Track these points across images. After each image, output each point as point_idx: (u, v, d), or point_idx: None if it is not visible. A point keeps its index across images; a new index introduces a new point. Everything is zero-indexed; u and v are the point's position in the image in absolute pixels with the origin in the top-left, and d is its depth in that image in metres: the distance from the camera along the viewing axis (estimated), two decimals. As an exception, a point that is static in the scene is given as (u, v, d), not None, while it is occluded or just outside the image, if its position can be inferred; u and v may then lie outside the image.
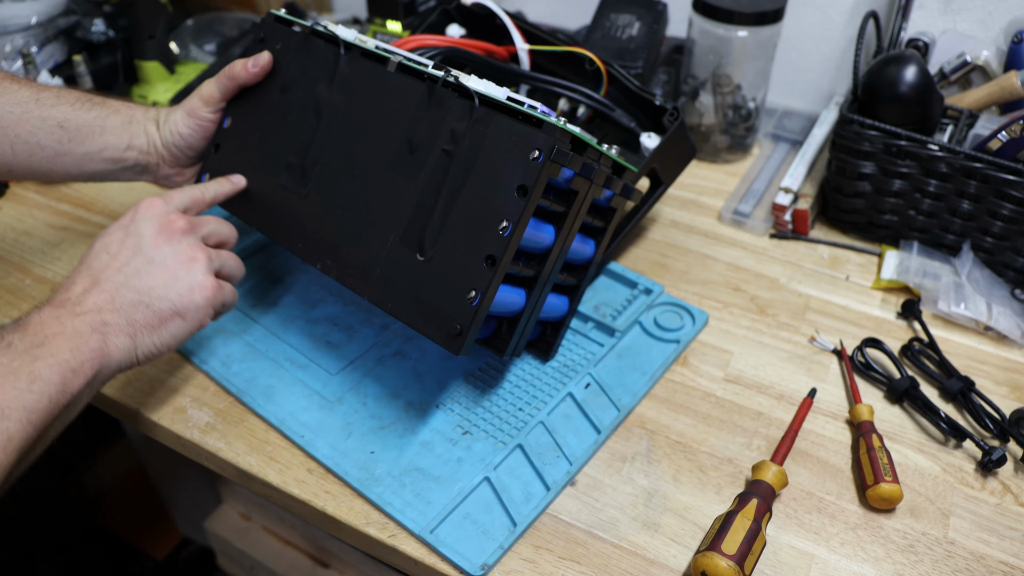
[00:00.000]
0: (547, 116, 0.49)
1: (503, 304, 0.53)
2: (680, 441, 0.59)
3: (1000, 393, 0.63)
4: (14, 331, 0.45)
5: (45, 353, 0.44)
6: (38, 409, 0.43)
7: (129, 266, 0.50)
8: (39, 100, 0.60)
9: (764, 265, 0.76)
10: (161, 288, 0.50)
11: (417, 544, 0.51)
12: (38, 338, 0.45)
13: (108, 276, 0.49)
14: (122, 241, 0.51)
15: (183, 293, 0.50)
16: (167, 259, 0.51)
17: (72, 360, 0.45)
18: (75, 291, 0.49)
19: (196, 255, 0.52)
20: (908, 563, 0.51)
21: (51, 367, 0.44)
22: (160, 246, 0.51)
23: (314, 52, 0.59)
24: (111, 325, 0.48)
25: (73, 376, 0.45)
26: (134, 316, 0.49)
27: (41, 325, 0.46)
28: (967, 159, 0.68)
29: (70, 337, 0.46)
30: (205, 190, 0.58)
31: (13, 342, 0.44)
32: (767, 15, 0.80)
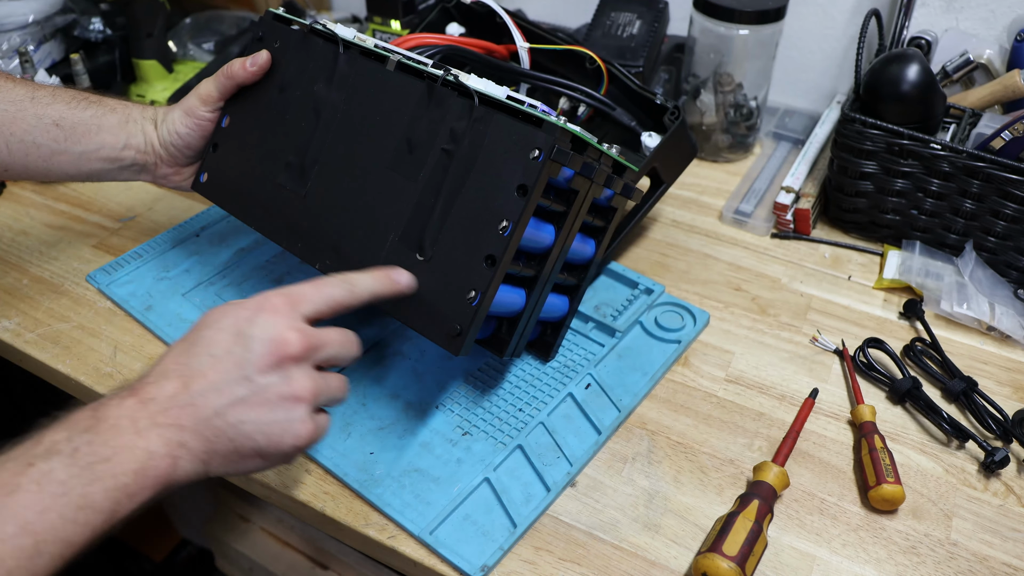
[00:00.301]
0: (547, 115, 0.49)
1: (503, 304, 0.53)
2: (681, 442, 0.58)
3: (1003, 394, 0.63)
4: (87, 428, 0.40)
5: (107, 473, 0.39)
6: (75, 544, 0.38)
7: (227, 388, 0.42)
8: (35, 99, 0.60)
9: (765, 265, 0.76)
10: (251, 425, 0.43)
11: (416, 545, 0.51)
12: (107, 449, 0.39)
13: (202, 390, 0.42)
14: (229, 349, 0.43)
15: (273, 437, 0.43)
16: (268, 391, 0.43)
17: (132, 486, 0.39)
18: (165, 389, 0.42)
19: (301, 394, 0.44)
20: (910, 564, 0.51)
21: (107, 492, 0.39)
22: (266, 372, 0.43)
23: (313, 51, 0.59)
24: (187, 448, 0.42)
25: (128, 501, 0.39)
26: (215, 446, 0.42)
27: (117, 428, 0.40)
28: (970, 158, 0.68)
29: (139, 456, 0.40)
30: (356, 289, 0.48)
31: (80, 448, 0.39)
32: (769, 13, 0.80)
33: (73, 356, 0.63)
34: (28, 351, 0.63)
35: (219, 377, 0.43)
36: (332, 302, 0.47)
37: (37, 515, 0.37)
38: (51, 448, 0.39)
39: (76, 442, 0.39)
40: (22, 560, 0.36)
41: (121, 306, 0.67)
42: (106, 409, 0.41)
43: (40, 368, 0.64)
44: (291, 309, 0.45)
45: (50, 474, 0.38)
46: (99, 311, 0.67)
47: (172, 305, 0.67)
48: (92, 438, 0.39)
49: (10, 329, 0.65)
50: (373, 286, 0.49)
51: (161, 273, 0.70)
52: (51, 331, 0.65)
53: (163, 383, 0.43)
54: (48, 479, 0.38)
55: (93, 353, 0.63)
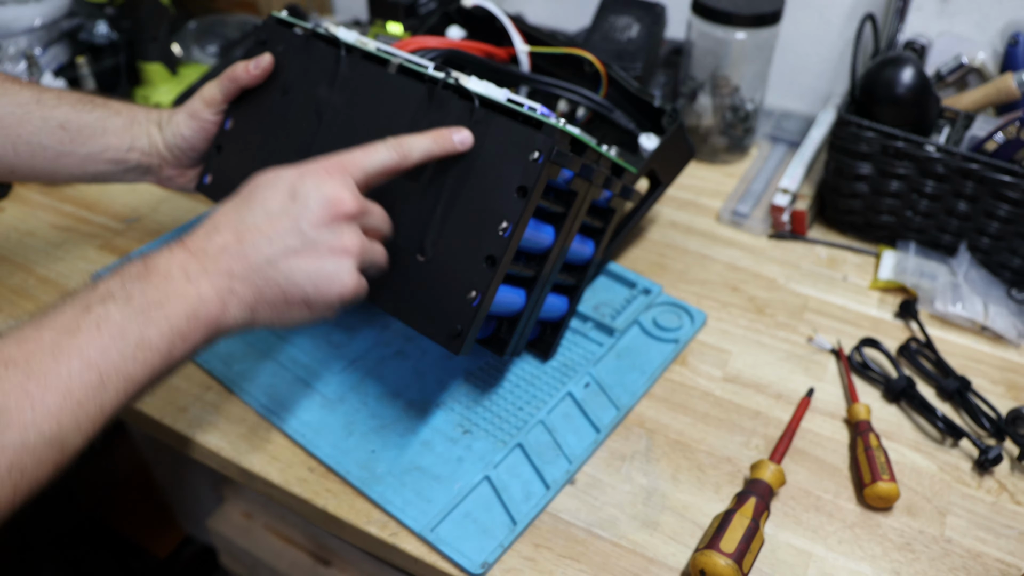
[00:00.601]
0: (547, 117, 0.49)
1: (503, 304, 0.53)
2: (679, 440, 0.59)
3: (996, 392, 0.63)
4: (139, 276, 0.42)
5: (161, 317, 0.41)
6: (136, 380, 0.41)
7: (281, 239, 0.45)
8: (40, 101, 0.60)
9: (762, 265, 0.76)
10: (301, 273, 0.45)
11: (418, 542, 0.51)
12: (160, 294, 0.42)
13: (255, 241, 0.44)
14: (285, 206, 0.45)
15: (321, 287, 0.45)
16: (320, 242, 0.45)
17: (185, 328, 0.42)
18: (216, 242, 0.44)
19: (351, 248, 0.46)
20: (905, 561, 0.52)
21: (162, 334, 0.41)
22: (320, 227, 0.45)
23: (315, 54, 0.59)
24: (236, 294, 0.44)
25: (182, 343, 0.42)
26: (263, 292, 0.45)
27: (168, 276, 0.43)
28: (964, 160, 0.68)
29: (192, 301, 0.43)
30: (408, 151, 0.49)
31: (134, 295, 0.41)
32: (765, 17, 0.80)
33: (79, 356, 0.64)
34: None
35: (273, 230, 0.45)
36: (382, 166, 0.48)
37: (99, 353, 0.39)
38: (106, 295, 0.41)
39: (130, 289, 0.41)
40: (89, 392, 0.38)
41: (126, 306, 0.68)
42: (156, 260, 0.43)
43: (46, 367, 0.64)
44: (343, 172, 0.47)
45: (107, 317, 0.40)
46: (104, 311, 0.68)
47: (176, 305, 0.67)
48: (144, 286, 0.42)
49: (16, 329, 0.66)
50: (427, 146, 0.50)
51: (165, 274, 0.70)
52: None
53: (214, 236, 0.45)
54: (106, 321, 0.40)
55: (99, 353, 0.64)
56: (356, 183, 0.47)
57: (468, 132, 0.50)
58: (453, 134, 0.50)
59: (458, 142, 0.50)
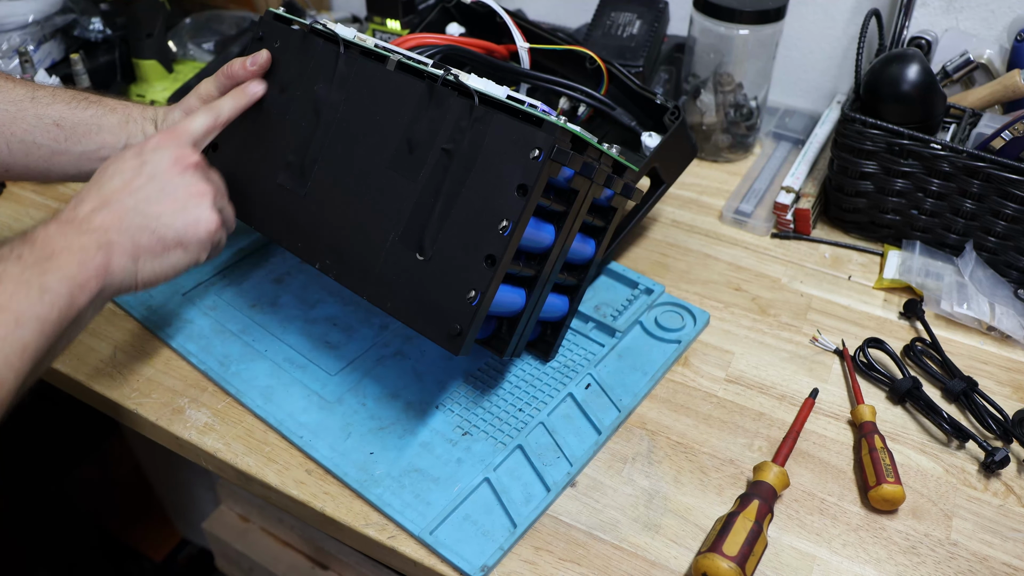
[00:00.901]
0: (547, 115, 0.49)
1: (503, 304, 0.53)
2: (681, 442, 0.58)
3: (1003, 394, 0.63)
4: (22, 244, 0.46)
5: (53, 267, 0.45)
6: (49, 320, 0.44)
7: (141, 191, 0.50)
8: (35, 99, 0.60)
9: (765, 265, 0.76)
10: (169, 216, 0.51)
11: (417, 545, 0.51)
12: (46, 251, 0.46)
13: (119, 198, 0.50)
14: (136, 168, 0.51)
15: (189, 224, 0.51)
16: (178, 189, 0.52)
17: (79, 275, 0.46)
18: (83, 209, 0.49)
19: (205, 190, 0.53)
20: (910, 564, 0.51)
21: (60, 280, 0.45)
22: (173, 176, 0.52)
23: (313, 51, 0.59)
24: (116, 245, 0.49)
25: (80, 291, 0.46)
26: (139, 239, 0.50)
27: (48, 240, 0.47)
28: (970, 158, 0.68)
29: (76, 253, 0.47)
30: (220, 112, 0.58)
31: (23, 254, 0.45)
32: (769, 13, 0.80)
33: (73, 356, 0.63)
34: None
35: (134, 186, 0.51)
36: (204, 128, 0.57)
37: (8, 297, 0.43)
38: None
39: (19, 251, 0.45)
40: (8, 330, 0.42)
41: (121, 306, 0.67)
42: (33, 233, 0.47)
43: (40, 368, 0.64)
44: (177, 138, 0.54)
45: (6, 272, 0.44)
46: (99, 311, 0.67)
47: (172, 305, 0.67)
48: (31, 248, 0.46)
49: (10, 329, 0.65)
50: (233, 104, 0.59)
51: (161, 273, 0.70)
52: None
53: (80, 206, 0.50)
54: (6, 275, 0.44)
55: (93, 353, 0.63)
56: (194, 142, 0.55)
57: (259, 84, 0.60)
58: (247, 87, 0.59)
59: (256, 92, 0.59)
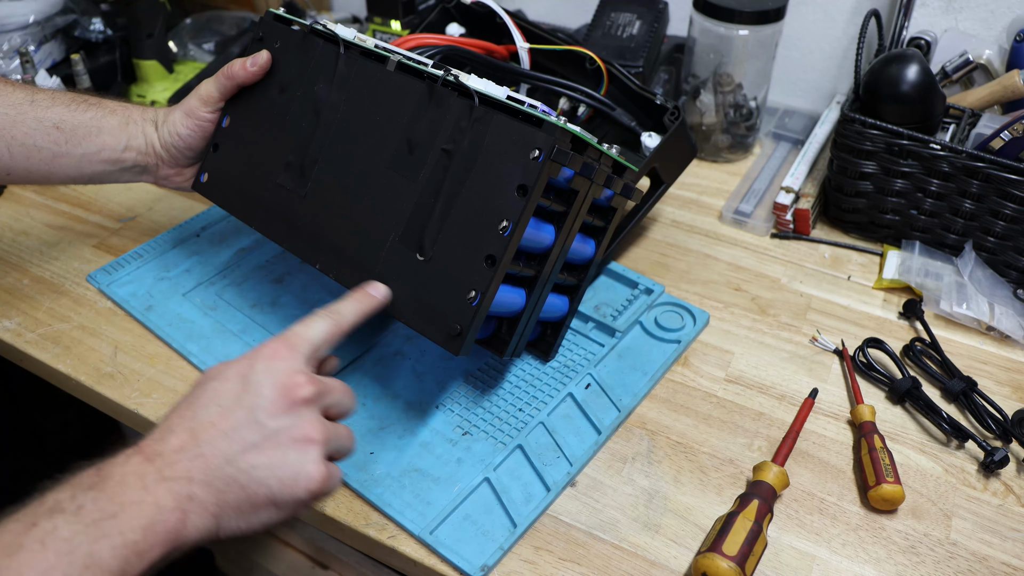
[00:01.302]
0: (547, 115, 0.49)
1: (503, 304, 0.53)
2: (681, 442, 0.58)
3: (1002, 393, 0.63)
4: (91, 486, 0.39)
5: (114, 530, 0.37)
6: None
7: (238, 434, 0.41)
8: (34, 102, 0.60)
9: (765, 265, 0.76)
10: (264, 469, 0.41)
11: (417, 545, 0.51)
12: (113, 505, 0.38)
13: (211, 439, 0.41)
14: (237, 397, 0.42)
15: (287, 482, 0.42)
16: (281, 434, 0.42)
17: (141, 543, 0.38)
18: (171, 443, 0.41)
19: (313, 436, 0.43)
20: (910, 564, 0.51)
21: (114, 550, 0.37)
22: (278, 415, 0.42)
23: (313, 51, 0.59)
24: (197, 501, 0.40)
25: (137, 560, 0.38)
26: (226, 496, 0.41)
27: (123, 484, 0.39)
28: (969, 158, 0.68)
29: (148, 512, 0.39)
30: (342, 317, 0.48)
31: (85, 505, 0.38)
32: (768, 14, 0.80)
33: (74, 356, 0.63)
34: (29, 351, 0.64)
35: (229, 425, 0.42)
36: (325, 336, 0.46)
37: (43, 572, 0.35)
38: (55, 507, 0.37)
39: (80, 500, 0.38)
40: None
41: (122, 306, 0.67)
42: (111, 467, 0.40)
43: (41, 368, 0.64)
44: (291, 352, 0.44)
45: (54, 532, 0.36)
46: (100, 311, 0.67)
47: (173, 305, 0.67)
48: (97, 495, 0.38)
49: (11, 329, 0.65)
50: (357, 309, 0.49)
51: (162, 273, 0.70)
52: (52, 331, 0.65)
53: (169, 438, 0.41)
54: (52, 538, 0.36)
55: (94, 353, 0.63)
56: (306, 360, 0.45)
57: (385, 288, 0.51)
58: (374, 292, 0.51)
59: (382, 298, 0.51)
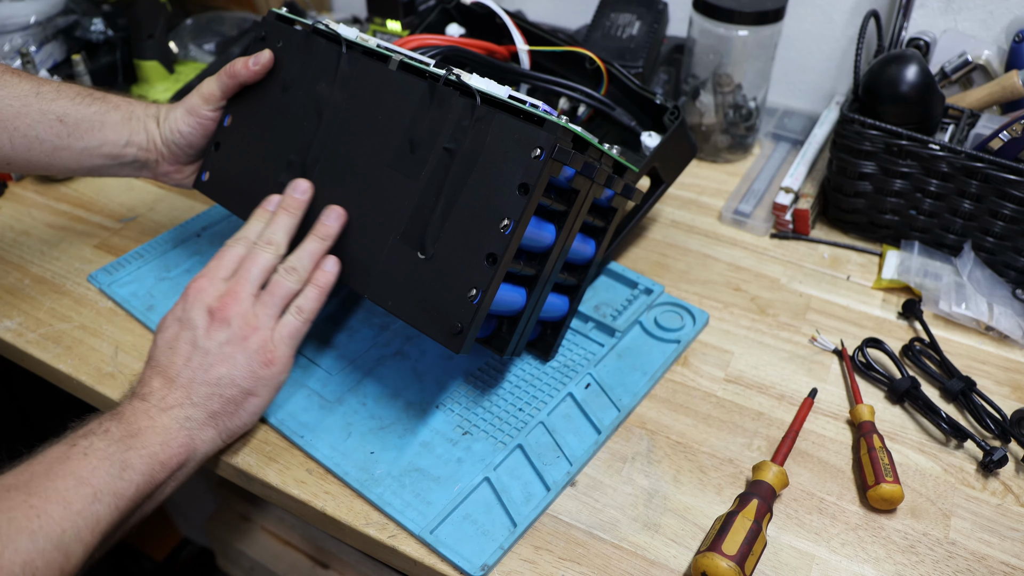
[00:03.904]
0: (549, 115, 0.49)
1: (504, 303, 0.53)
2: (680, 441, 0.59)
3: (1001, 393, 0.63)
4: (112, 418, 0.48)
5: (137, 444, 0.47)
6: (126, 496, 0.46)
7: (192, 361, 0.51)
8: (39, 94, 0.60)
9: (764, 265, 0.76)
10: (226, 377, 0.51)
11: (417, 544, 0.51)
12: (132, 428, 0.48)
13: (178, 373, 0.51)
14: (178, 335, 0.52)
15: (246, 375, 0.51)
16: (222, 346, 0.51)
17: (161, 453, 0.48)
18: (154, 387, 0.50)
19: (247, 331, 0.52)
20: (909, 564, 0.51)
21: (142, 458, 0.47)
22: (213, 334, 0.51)
23: (315, 50, 0.59)
24: (194, 420, 0.50)
25: (160, 468, 0.48)
26: (212, 407, 0.51)
27: (135, 416, 0.49)
28: (968, 159, 0.68)
29: (159, 432, 0.48)
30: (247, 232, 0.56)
31: (111, 429, 0.47)
32: (768, 14, 0.80)
33: (74, 356, 0.63)
34: (30, 351, 0.64)
35: (184, 358, 0.51)
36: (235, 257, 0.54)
37: (89, 472, 0.45)
38: (87, 432, 0.47)
39: (107, 425, 0.48)
40: (85, 503, 0.43)
41: (122, 306, 0.67)
42: (121, 408, 0.50)
43: (41, 368, 0.64)
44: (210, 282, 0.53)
45: (92, 446, 0.46)
46: (100, 311, 0.67)
47: (173, 305, 0.67)
48: (118, 423, 0.48)
49: (12, 329, 0.65)
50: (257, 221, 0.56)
51: (162, 273, 0.70)
52: (53, 331, 0.65)
53: (151, 383, 0.51)
54: (91, 449, 0.46)
55: (94, 353, 0.63)
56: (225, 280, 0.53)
57: None
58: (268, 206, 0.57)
59: None
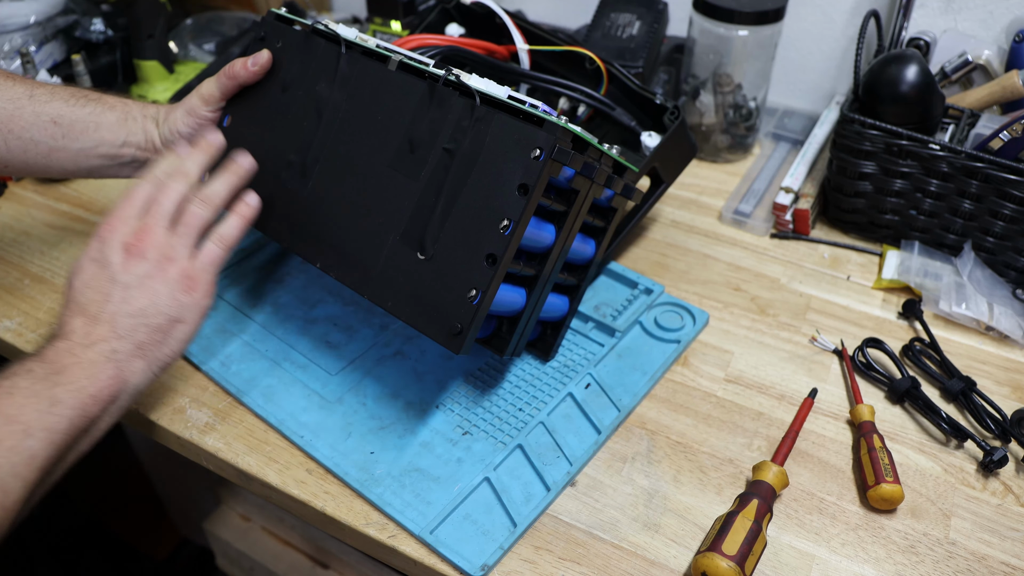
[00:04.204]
0: (548, 115, 0.49)
1: (503, 303, 0.53)
2: (680, 441, 0.59)
3: (1001, 393, 0.63)
4: (34, 360, 0.47)
5: (64, 380, 0.46)
6: (59, 430, 0.45)
7: (114, 296, 0.50)
8: (33, 96, 0.60)
9: (765, 265, 0.76)
10: (150, 306, 0.50)
11: (417, 545, 0.51)
12: (56, 367, 0.47)
13: (100, 309, 0.50)
14: (96, 275, 0.51)
15: (170, 303, 0.51)
16: (141, 279, 0.51)
17: (90, 387, 0.47)
18: (75, 327, 0.49)
19: (164, 262, 0.51)
20: (909, 564, 0.51)
21: (70, 393, 0.46)
22: (130, 268, 0.51)
23: (315, 51, 0.59)
24: (121, 352, 0.49)
25: (92, 402, 0.47)
26: (138, 338, 0.50)
27: (57, 356, 0.48)
28: (968, 159, 0.68)
29: (86, 367, 0.47)
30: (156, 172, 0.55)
31: (34, 369, 0.46)
32: (768, 14, 0.80)
33: (74, 356, 0.63)
34: (29, 351, 0.63)
35: (104, 295, 0.50)
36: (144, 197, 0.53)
37: (16, 409, 0.44)
38: (10, 373, 0.46)
39: (30, 365, 0.46)
40: (16, 440, 0.43)
41: (122, 306, 0.67)
42: (43, 351, 0.48)
43: (41, 367, 0.64)
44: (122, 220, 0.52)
45: (16, 385, 0.45)
46: (100, 311, 0.67)
47: (173, 305, 0.67)
48: (41, 363, 0.47)
49: (11, 329, 0.65)
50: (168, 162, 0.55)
51: (162, 273, 0.70)
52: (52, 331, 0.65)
53: (72, 323, 0.50)
54: (16, 388, 0.45)
55: (94, 353, 0.63)
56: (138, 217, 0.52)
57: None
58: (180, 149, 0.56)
59: None
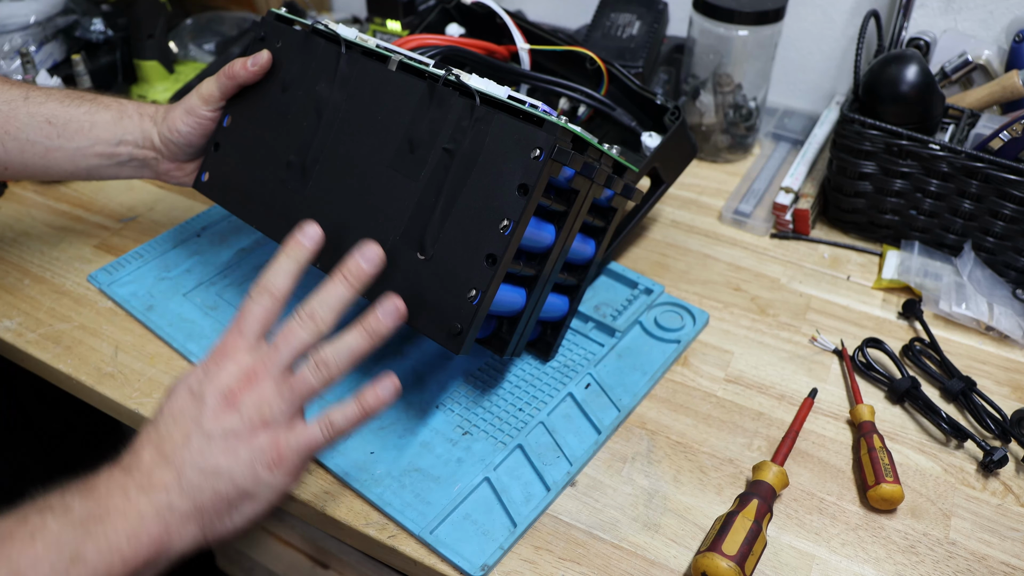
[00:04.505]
0: (548, 115, 0.49)
1: (503, 303, 0.53)
2: (680, 441, 0.59)
3: (1001, 393, 0.63)
4: (79, 491, 0.41)
5: (100, 532, 0.40)
6: None
7: (191, 442, 0.43)
8: (28, 98, 0.61)
9: (765, 265, 0.76)
10: (225, 469, 0.43)
11: (417, 545, 0.51)
12: (100, 508, 0.40)
13: (173, 450, 0.43)
14: (184, 409, 0.44)
15: (246, 473, 0.43)
16: (227, 434, 0.44)
17: (126, 548, 0.40)
18: (144, 459, 0.43)
19: (256, 424, 0.44)
20: (909, 564, 0.51)
21: (100, 552, 0.39)
22: (220, 417, 0.44)
23: (315, 51, 0.59)
24: (177, 511, 0.42)
25: (121, 565, 0.40)
26: (201, 500, 0.43)
27: (108, 492, 0.41)
28: (968, 159, 0.68)
29: (131, 520, 0.41)
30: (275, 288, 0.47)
31: (73, 508, 0.40)
32: (768, 14, 0.80)
33: (74, 356, 0.63)
34: (29, 351, 0.64)
35: (183, 436, 0.44)
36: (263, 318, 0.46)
37: (30, 564, 0.37)
38: (45, 506, 0.40)
39: (69, 501, 0.40)
40: None
41: (122, 306, 0.67)
42: (96, 480, 0.42)
43: (41, 368, 0.64)
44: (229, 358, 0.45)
45: (44, 528, 0.39)
46: (100, 311, 0.67)
47: (173, 305, 0.67)
48: (84, 500, 0.41)
49: (12, 329, 0.65)
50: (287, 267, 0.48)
51: (162, 273, 0.70)
52: (52, 331, 0.65)
53: (141, 454, 0.44)
54: (42, 532, 0.38)
55: (94, 353, 0.63)
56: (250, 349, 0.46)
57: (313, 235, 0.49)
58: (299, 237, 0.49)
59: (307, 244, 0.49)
